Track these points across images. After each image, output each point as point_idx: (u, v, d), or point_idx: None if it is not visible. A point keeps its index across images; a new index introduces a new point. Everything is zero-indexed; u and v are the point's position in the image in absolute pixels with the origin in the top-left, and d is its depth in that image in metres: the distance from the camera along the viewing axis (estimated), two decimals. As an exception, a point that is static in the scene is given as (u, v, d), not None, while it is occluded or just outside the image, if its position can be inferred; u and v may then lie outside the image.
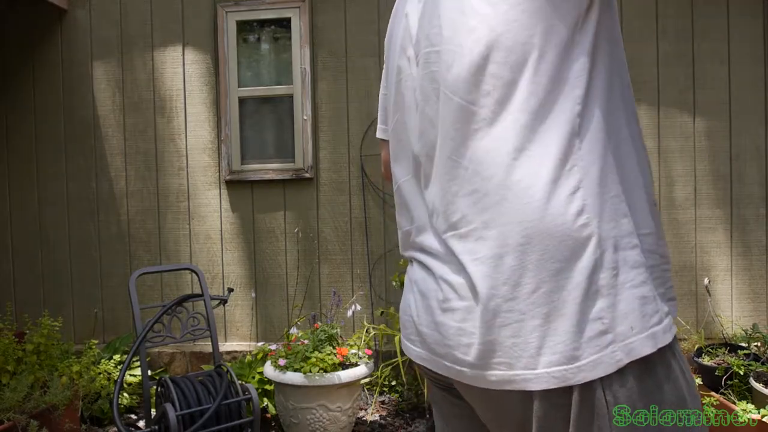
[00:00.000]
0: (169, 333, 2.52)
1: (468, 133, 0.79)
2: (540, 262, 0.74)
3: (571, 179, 0.74)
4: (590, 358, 0.73)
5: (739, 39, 3.25)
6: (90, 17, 3.62)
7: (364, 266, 3.49)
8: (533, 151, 0.76)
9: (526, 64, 0.75)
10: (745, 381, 2.48)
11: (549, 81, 0.75)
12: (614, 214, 0.76)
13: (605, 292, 0.74)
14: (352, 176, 3.49)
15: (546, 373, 0.74)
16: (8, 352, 2.66)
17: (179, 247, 3.60)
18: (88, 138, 3.64)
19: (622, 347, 0.73)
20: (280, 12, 3.48)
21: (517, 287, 0.75)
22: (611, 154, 0.77)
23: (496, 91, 0.77)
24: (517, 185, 0.75)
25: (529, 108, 0.75)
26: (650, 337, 0.74)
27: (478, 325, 0.78)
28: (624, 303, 0.74)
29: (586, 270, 0.73)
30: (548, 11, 0.75)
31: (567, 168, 0.75)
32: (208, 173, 3.57)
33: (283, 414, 2.73)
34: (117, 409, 2.24)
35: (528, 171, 0.75)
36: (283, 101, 3.53)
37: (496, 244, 0.77)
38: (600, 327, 0.73)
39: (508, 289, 0.76)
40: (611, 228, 0.75)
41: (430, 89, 0.86)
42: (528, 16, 0.75)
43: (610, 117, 0.79)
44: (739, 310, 3.27)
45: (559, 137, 0.75)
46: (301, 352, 2.72)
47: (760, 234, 3.26)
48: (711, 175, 3.26)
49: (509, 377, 0.77)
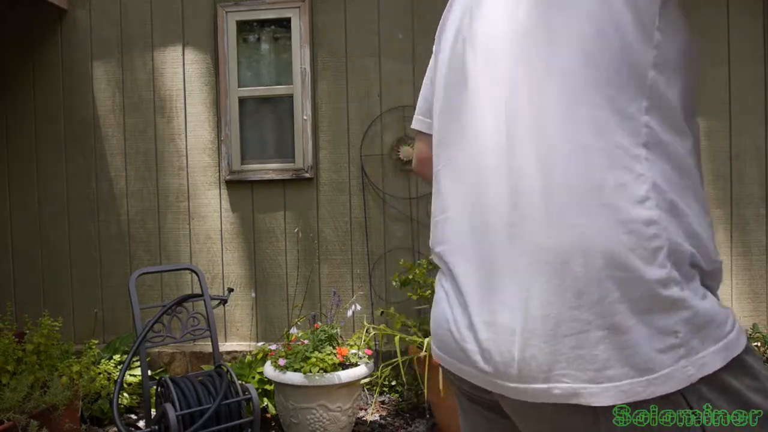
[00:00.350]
0: (169, 333, 2.52)
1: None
2: (606, 270, 0.70)
3: (641, 186, 0.71)
4: (661, 372, 0.69)
5: (739, 39, 3.25)
6: (90, 17, 3.62)
7: (364, 266, 3.49)
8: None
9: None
10: (745, 381, 2.47)
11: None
12: (681, 225, 0.72)
13: (678, 305, 0.69)
14: (352, 176, 3.49)
15: (614, 387, 0.70)
16: (8, 352, 2.66)
17: (179, 247, 3.60)
18: (88, 138, 3.64)
19: (693, 362, 0.69)
20: (280, 12, 3.48)
21: (581, 296, 0.71)
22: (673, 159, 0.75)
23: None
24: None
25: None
26: (723, 349, 0.71)
27: (539, 335, 0.73)
28: (697, 316, 0.70)
29: (655, 281, 0.69)
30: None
31: (635, 174, 0.71)
32: (208, 173, 3.57)
33: (283, 414, 2.73)
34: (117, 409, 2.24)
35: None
36: (283, 101, 3.53)
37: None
38: (672, 341, 0.69)
39: (572, 297, 0.71)
40: (680, 239, 0.71)
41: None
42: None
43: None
44: (739, 310, 3.27)
45: (624, 139, 0.72)
46: (301, 352, 2.72)
47: (760, 234, 3.26)
48: (711, 175, 3.26)
49: (574, 390, 0.71)
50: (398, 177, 3.46)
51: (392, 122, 3.46)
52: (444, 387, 2.51)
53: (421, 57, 3.42)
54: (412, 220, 3.45)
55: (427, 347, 2.62)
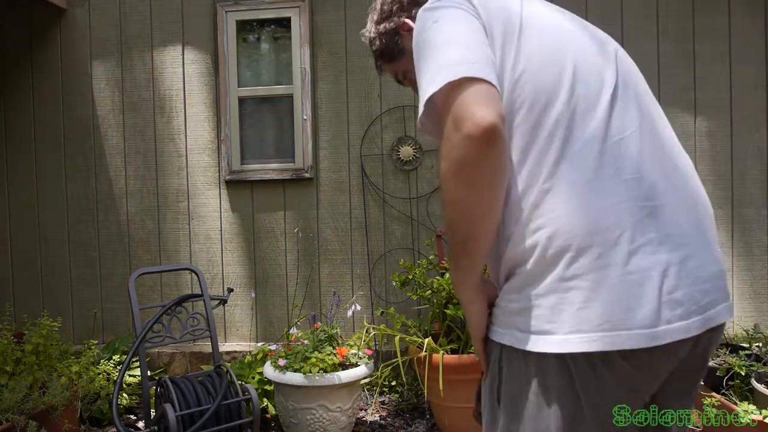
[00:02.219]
0: (168, 333, 2.51)
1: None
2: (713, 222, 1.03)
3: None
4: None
5: (740, 38, 3.24)
6: (89, 17, 3.62)
7: (364, 266, 3.48)
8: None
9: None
10: (746, 382, 2.47)
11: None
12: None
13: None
14: (352, 176, 3.49)
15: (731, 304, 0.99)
16: (7, 352, 2.65)
17: (179, 247, 3.59)
18: (87, 138, 3.64)
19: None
20: (280, 12, 3.47)
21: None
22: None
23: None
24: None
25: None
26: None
27: (719, 261, 0.99)
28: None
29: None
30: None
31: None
32: (208, 173, 3.56)
33: (283, 414, 2.72)
34: (116, 409, 2.24)
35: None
36: (283, 101, 3.53)
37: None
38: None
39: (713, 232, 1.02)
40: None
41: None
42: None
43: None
44: (740, 310, 3.27)
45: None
46: (301, 352, 2.71)
47: (761, 234, 3.25)
48: (712, 176, 3.26)
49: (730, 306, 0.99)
50: (398, 177, 3.45)
51: (392, 122, 3.45)
52: (444, 387, 2.50)
53: (421, 57, 3.41)
54: (412, 220, 3.44)
55: (426, 347, 2.61)
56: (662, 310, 0.88)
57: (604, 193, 0.90)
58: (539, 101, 0.94)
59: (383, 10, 1.26)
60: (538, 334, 0.91)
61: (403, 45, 1.25)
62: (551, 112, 0.94)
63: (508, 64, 0.97)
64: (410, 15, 1.22)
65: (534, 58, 0.97)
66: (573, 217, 0.89)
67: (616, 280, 0.88)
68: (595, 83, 0.97)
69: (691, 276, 0.91)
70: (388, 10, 1.25)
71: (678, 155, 1.02)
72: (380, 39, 1.27)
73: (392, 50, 1.27)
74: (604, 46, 1.04)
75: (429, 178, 3.43)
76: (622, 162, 0.92)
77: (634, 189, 0.91)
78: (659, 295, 0.88)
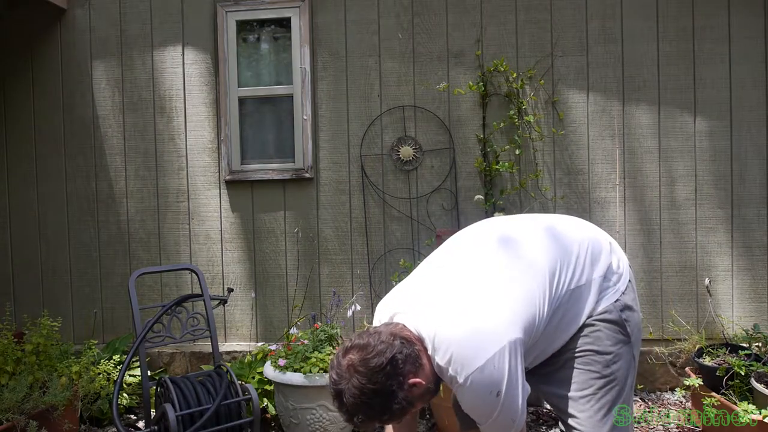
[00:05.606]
0: (168, 333, 2.51)
1: None
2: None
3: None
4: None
5: (740, 38, 3.24)
6: (89, 17, 3.62)
7: (364, 266, 3.49)
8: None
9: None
10: (746, 381, 2.47)
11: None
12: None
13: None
14: (352, 176, 3.49)
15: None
16: (7, 352, 2.66)
17: (179, 247, 3.59)
18: (87, 138, 3.64)
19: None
20: (280, 12, 3.47)
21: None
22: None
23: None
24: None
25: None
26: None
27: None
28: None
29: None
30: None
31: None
32: (208, 173, 3.56)
33: (283, 414, 2.72)
34: (116, 409, 2.24)
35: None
36: (283, 101, 3.53)
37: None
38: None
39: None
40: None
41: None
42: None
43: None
44: (740, 310, 3.27)
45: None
46: (301, 352, 2.71)
47: (761, 234, 3.25)
48: (712, 175, 3.26)
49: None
50: (398, 177, 3.46)
51: (392, 122, 3.45)
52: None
53: (421, 57, 3.41)
54: (412, 220, 3.44)
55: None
56: None
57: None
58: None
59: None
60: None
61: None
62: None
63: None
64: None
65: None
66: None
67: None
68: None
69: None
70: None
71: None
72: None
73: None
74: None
75: (429, 178, 3.43)
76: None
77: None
78: None
